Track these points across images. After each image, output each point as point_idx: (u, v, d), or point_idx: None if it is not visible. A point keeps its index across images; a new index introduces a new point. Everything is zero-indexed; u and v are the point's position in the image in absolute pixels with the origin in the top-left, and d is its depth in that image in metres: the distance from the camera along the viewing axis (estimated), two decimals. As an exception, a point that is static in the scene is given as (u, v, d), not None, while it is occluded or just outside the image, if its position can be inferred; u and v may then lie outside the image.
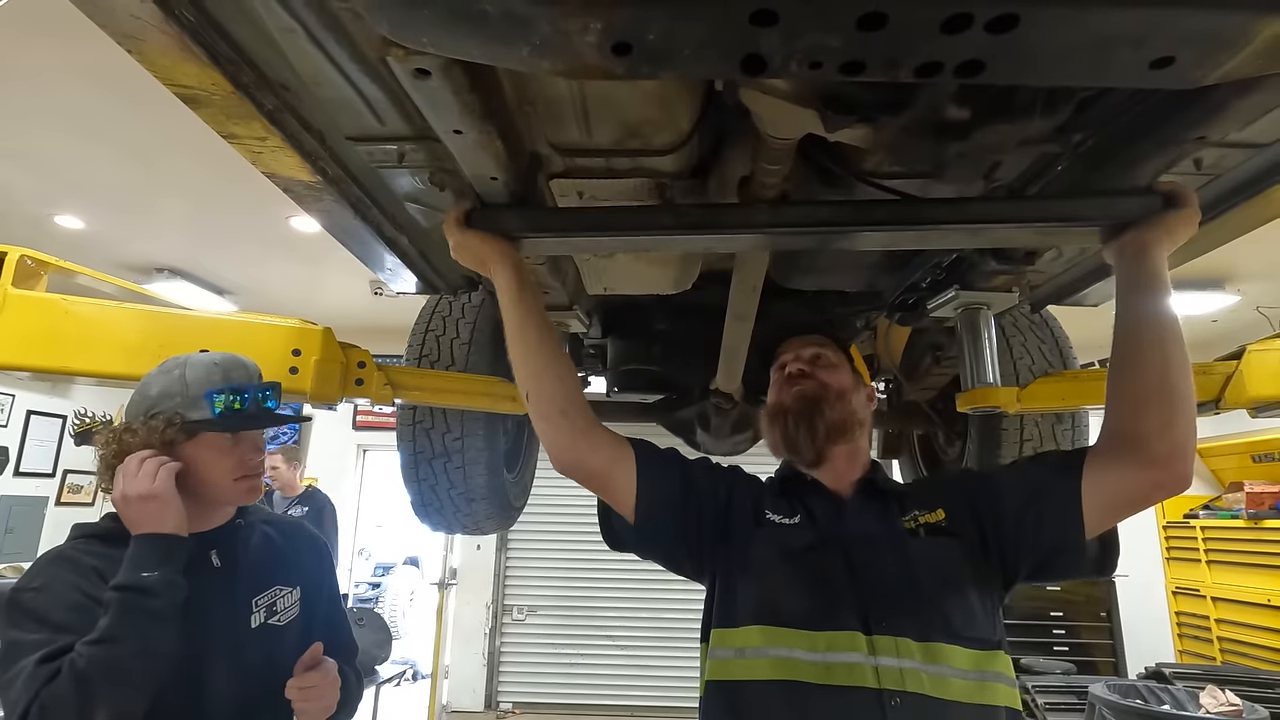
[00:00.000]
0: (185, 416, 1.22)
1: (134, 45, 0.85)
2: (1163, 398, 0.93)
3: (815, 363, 1.24)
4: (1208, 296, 5.17)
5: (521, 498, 2.75)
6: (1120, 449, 0.97)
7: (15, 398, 6.03)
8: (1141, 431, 0.94)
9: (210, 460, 1.25)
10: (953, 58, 0.60)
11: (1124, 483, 0.97)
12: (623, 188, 1.19)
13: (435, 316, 2.18)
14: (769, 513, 1.15)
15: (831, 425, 1.16)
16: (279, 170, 1.15)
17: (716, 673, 1.06)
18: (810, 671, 0.98)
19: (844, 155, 1.12)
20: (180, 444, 1.23)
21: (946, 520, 1.10)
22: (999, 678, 1.00)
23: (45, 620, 1.09)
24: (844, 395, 1.20)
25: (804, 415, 1.17)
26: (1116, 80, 0.65)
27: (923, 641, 0.98)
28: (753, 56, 0.61)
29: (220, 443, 1.26)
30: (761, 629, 1.03)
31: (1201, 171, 1.12)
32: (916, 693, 0.94)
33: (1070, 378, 1.81)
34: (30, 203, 4.24)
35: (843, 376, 1.23)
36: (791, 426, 1.17)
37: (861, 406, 1.23)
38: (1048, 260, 1.43)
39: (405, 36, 0.64)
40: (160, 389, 1.25)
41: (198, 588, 1.21)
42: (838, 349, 1.28)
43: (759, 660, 1.01)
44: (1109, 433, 0.99)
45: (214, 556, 1.28)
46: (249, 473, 1.29)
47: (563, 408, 1.09)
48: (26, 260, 1.50)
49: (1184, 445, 0.93)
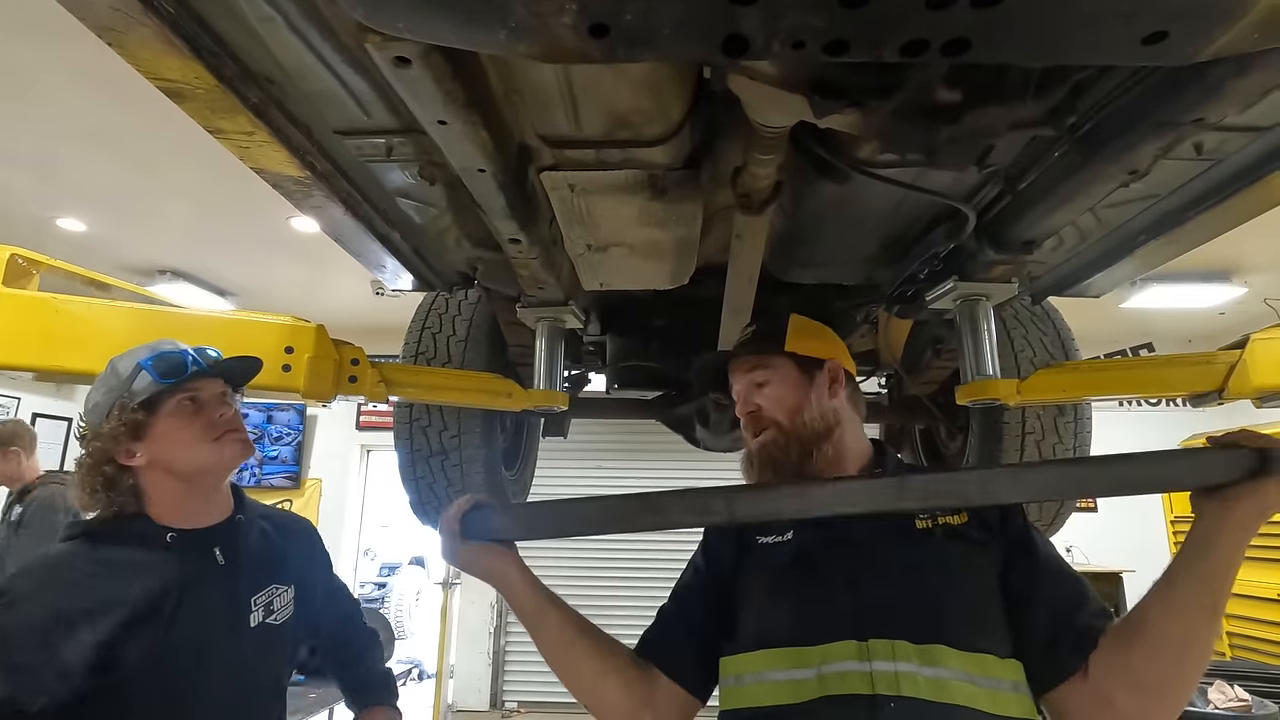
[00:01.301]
0: (133, 395, 1.21)
1: (114, 38, 0.84)
2: (1162, 692, 0.89)
3: (759, 392, 1.17)
4: (1214, 289, 5.13)
5: (520, 496, 2.75)
6: (1089, 708, 0.92)
7: (21, 400, 6.06)
8: (1119, 712, 0.90)
9: (179, 428, 1.22)
10: (938, 35, 0.58)
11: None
12: (614, 180, 1.18)
13: (431, 314, 2.18)
14: (758, 536, 1.10)
15: (799, 453, 1.11)
16: (267, 165, 1.14)
17: (723, 701, 1.03)
18: (805, 690, 0.94)
19: (837, 143, 1.11)
20: (145, 424, 1.21)
21: (968, 524, 1.03)
22: (1009, 685, 0.93)
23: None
24: (796, 412, 1.13)
25: (768, 463, 1.12)
26: (1108, 58, 0.64)
27: (921, 644, 0.93)
28: (734, 37, 0.59)
29: (182, 408, 1.23)
30: (759, 654, 1.00)
31: (1202, 156, 1.11)
32: (913, 697, 0.89)
33: (1071, 369, 1.79)
34: (32, 205, 4.26)
35: (788, 391, 1.15)
36: (767, 478, 1.12)
37: (820, 403, 1.14)
38: (1048, 250, 1.42)
39: (380, 22, 0.63)
40: (103, 391, 1.24)
41: (202, 584, 1.20)
42: (775, 349, 1.19)
43: (758, 685, 0.98)
44: (1094, 686, 0.92)
45: (218, 553, 1.26)
46: (226, 428, 1.26)
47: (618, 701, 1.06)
48: (17, 259, 1.50)
49: None
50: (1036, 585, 0.99)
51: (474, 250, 1.53)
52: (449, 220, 1.42)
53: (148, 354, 1.24)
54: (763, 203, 1.20)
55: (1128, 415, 6.40)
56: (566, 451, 5.89)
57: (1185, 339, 6.28)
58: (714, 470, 6.09)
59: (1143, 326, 6.10)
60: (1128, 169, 1.01)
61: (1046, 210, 1.20)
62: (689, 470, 6.29)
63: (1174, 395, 1.75)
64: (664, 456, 6.27)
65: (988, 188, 1.27)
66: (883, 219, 1.42)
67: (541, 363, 1.74)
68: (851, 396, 1.21)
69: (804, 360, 1.18)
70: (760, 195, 1.19)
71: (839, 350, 1.23)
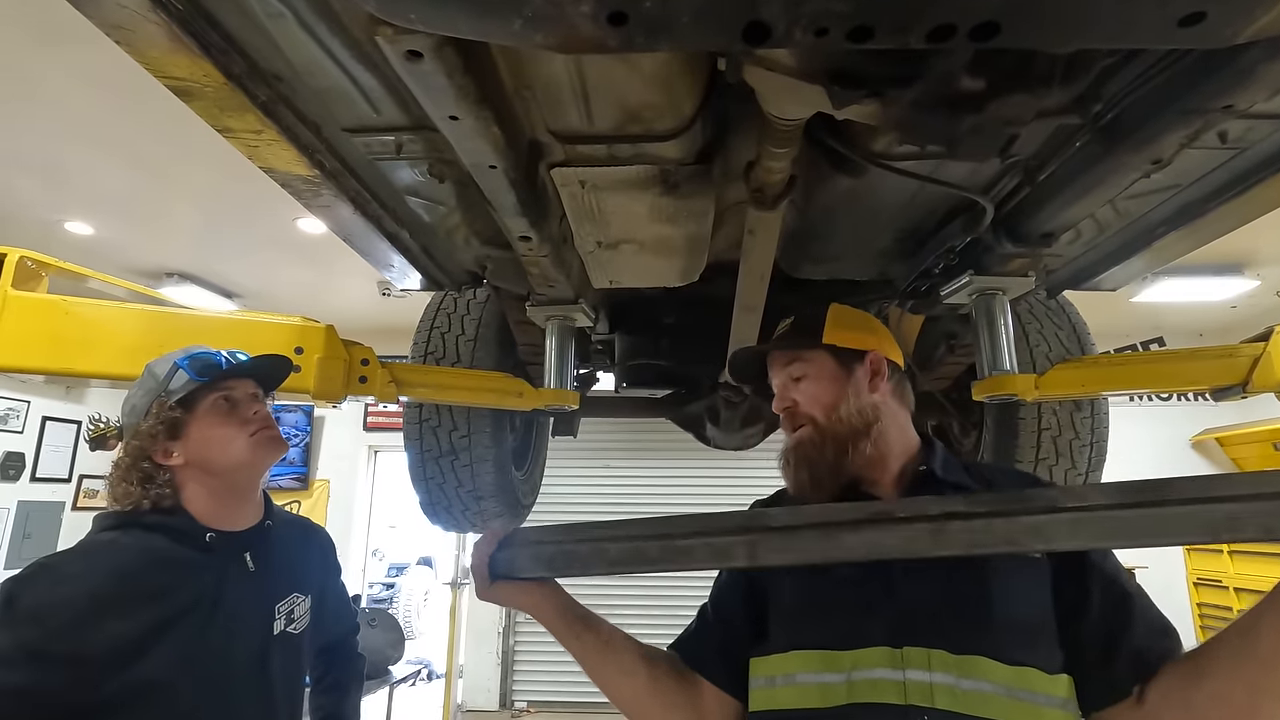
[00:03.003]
0: (170, 394, 1.23)
1: (123, 36, 0.83)
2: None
3: (796, 387, 1.13)
4: (1226, 282, 5.07)
5: (530, 495, 2.74)
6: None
7: (30, 404, 6.09)
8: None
9: (216, 425, 1.25)
10: (966, 20, 0.56)
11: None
12: (625, 176, 1.16)
13: (440, 313, 2.17)
14: None
15: (835, 451, 1.06)
16: (276, 164, 1.13)
17: (753, 703, 1.01)
18: (834, 694, 0.90)
19: (852, 135, 1.09)
20: (183, 422, 1.23)
21: None
22: (1057, 703, 0.86)
23: (35, 628, 1.04)
24: (832, 408, 1.08)
25: (803, 461, 1.08)
26: (1142, 40, 0.62)
27: (961, 654, 0.87)
28: (755, 24, 0.58)
29: (218, 406, 1.26)
30: (790, 655, 0.97)
31: (1226, 145, 1.08)
32: (948, 710, 0.84)
33: (1090, 364, 1.77)
34: (40, 209, 4.27)
35: (824, 386, 1.10)
36: (803, 477, 1.08)
37: (859, 398, 1.09)
38: (1065, 243, 1.39)
39: (392, 13, 0.61)
40: (140, 393, 1.27)
41: (232, 590, 1.20)
42: (813, 342, 1.14)
43: (787, 688, 0.95)
44: (1147, 715, 0.85)
45: (249, 558, 1.26)
46: (260, 425, 1.28)
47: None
48: (26, 262, 1.50)
49: None
50: (1088, 596, 0.92)
51: (483, 248, 1.51)
52: (458, 218, 1.41)
53: (183, 355, 1.27)
54: (776, 197, 1.19)
55: (1136, 411, 6.34)
56: (576, 450, 5.89)
57: (1196, 333, 6.23)
58: (724, 469, 6.09)
59: (1153, 320, 6.05)
60: (1151, 158, 0.99)
61: (1066, 202, 1.18)
62: (699, 469, 6.28)
63: (1195, 389, 1.72)
64: (674, 455, 6.26)
65: (1006, 179, 1.24)
66: (898, 212, 1.40)
67: (552, 361, 1.73)
68: (897, 389, 1.14)
69: (843, 353, 1.13)
70: (773, 190, 1.17)
71: (882, 341, 1.16)
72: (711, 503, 6.30)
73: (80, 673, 1.04)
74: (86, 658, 1.04)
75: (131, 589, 1.10)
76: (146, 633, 1.08)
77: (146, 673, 1.07)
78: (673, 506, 6.28)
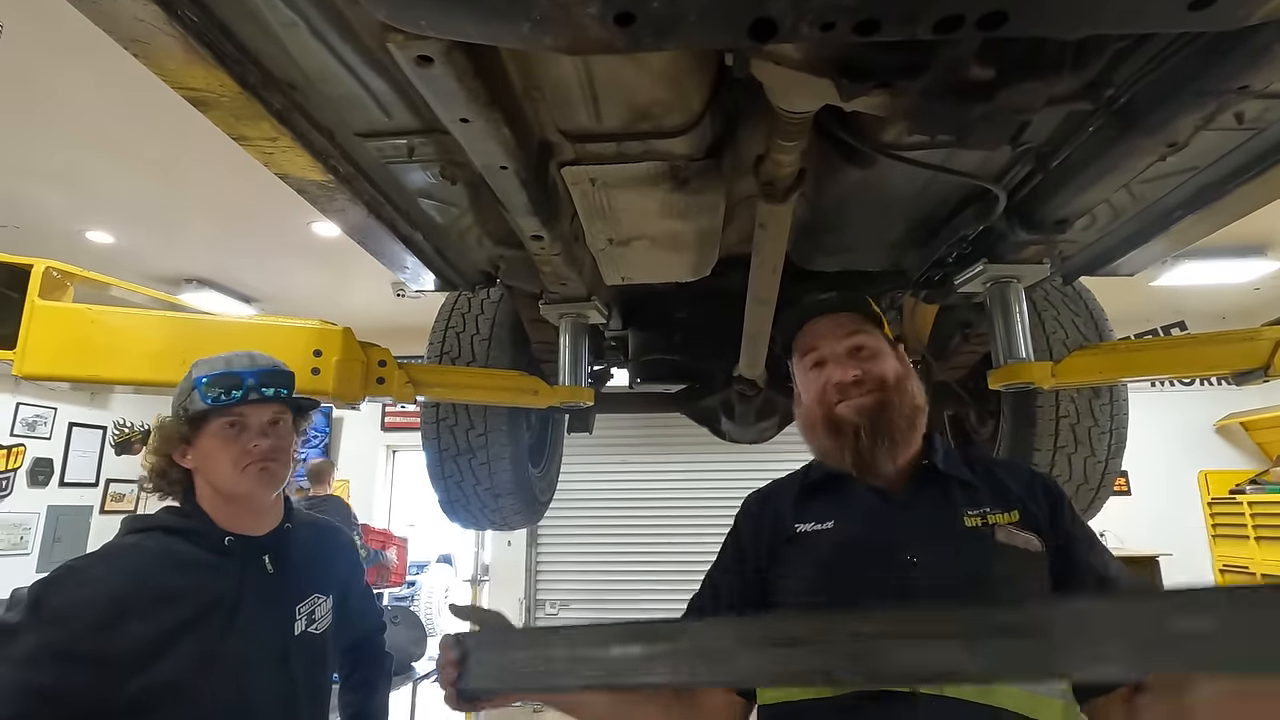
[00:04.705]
0: (188, 409, 1.25)
1: (140, 49, 0.85)
2: None
3: (858, 357, 1.09)
4: (1248, 264, 4.98)
5: (548, 492, 2.76)
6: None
7: (57, 411, 6.22)
8: None
9: (217, 449, 1.25)
10: (974, 9, 0.56)
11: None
12: (635, 173, 1.17)
13: (455, 313, 2.19)
14: (798, 525, 1.06)
15: (903, 432, 1.04)
16: (291, 171, 1.15)
17: (761, 696, 1.01)
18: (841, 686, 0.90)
19: (861, 127, 1.09)
20: (190, 437, 1.25)
21: (1021, 523, 0.99)
22: (1058, 693, 0.89)
23: (61, 629, 1.07)
24: (903, 385, 1.06)
25: (875, 433, 1.03)
26: (1152, 24, 0.61)
27: None
28: (762, 21, 0.58)
29: (223, 430, 1.25)
30: None
31: (1243, 126, 1.07)
32: (955, 698, 0.86)
33: (1108, 350, 1.75)
34: (62, 219, 4.36)
35: (891, 363, 1.08)
36: (866, 447, 1.03)
37: (919, 388, 1.09)
38: (1080, 228, 1.38)
39: (403, 20, 0.62)
40: (176, 391, 1.29)
41: (251, 592, 1.22)
42: (870, 321, 1.13)
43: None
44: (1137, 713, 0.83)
45: (267, 561, 1.28)
46: (254, 459, 1.25)
47: None
48: (53, 272, 1.53)
49: None
50: (1082, 587, 0.95)
51: (496, 248, 1.53)
52: (470, 219, 1.42)
53: (206, 371, 1.26)
54: (786, 190, 1.18)
55: (1153, 396, 6.25)
56: (591, 447, 5.91)
57: (1219, 316, 6.12)
58: (740, 463, 6.08)
59: (1174, 304, 5.95)
60: (1166, 141, 0.98)
61: (1080, 188, 1.17)
62: (715, 463, 6.28)
63: (1216, 374, 1.70)
64: (689, 450, 6.27)
65: (1018, 166, 1.23)
66: (909, 202, 1.39)
67: (566, 359, 1.74)
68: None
69: (888, 338, 1.14)
70: (784, 183, 1.17)
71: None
72: (728, 497, 6.29)
73: (103, 673, 1.07)
74: (109, 658, 1.07)
75: (151, 591, 1.13)
76: (166, 634, 1.11)
77: (167, 673, 1.10)
78: (689, 501, 6.29)
